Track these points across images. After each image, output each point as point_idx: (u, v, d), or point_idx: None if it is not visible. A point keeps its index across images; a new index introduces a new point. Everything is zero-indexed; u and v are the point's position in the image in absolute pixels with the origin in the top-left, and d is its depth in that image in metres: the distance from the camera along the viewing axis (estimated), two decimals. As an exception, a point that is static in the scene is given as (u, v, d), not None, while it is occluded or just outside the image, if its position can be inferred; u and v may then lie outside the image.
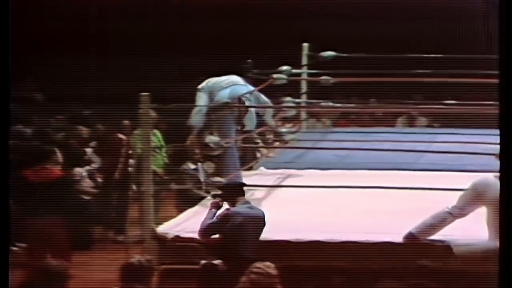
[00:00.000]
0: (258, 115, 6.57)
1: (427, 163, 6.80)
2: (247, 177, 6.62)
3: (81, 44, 10.34)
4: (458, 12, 9.23)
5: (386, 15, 9.89)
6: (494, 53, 4.31)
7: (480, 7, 8.79)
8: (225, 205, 5.17)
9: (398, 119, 10.68)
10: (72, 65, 9.95)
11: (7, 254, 4.06)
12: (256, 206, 5.29)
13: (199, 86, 6.43)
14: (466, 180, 5.04)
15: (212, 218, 5.07)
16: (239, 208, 5.04)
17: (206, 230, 5.07)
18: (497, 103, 4.24)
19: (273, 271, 4.21)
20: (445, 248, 4.94)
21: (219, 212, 5.12)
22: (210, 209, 5.16)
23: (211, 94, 6.36)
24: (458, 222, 4.96)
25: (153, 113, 5.95)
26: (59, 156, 6.13)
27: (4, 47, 4.18)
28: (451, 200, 5.03)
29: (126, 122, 8.33)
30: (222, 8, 10.33)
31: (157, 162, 7.01)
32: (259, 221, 5.07)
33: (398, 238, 5.10)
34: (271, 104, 6.71)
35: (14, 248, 6.99)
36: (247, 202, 5.13)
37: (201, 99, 6.33)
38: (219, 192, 5.23)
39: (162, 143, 7.22)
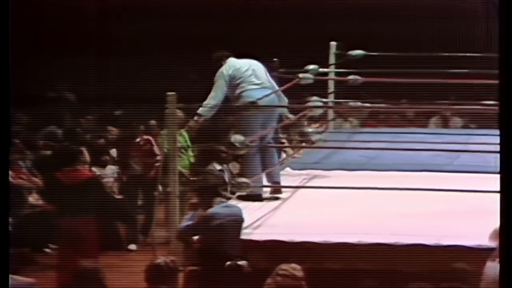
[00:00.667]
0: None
1: (461, 164, 6.64)
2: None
3: (105, 45, 10.36)
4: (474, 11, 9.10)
5: (415, 14, 9.78)
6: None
7: None
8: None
9: (431, 120, 10.49)
10: (96, 66, 9.96)
11: (7, 254, 4.05)
12: (233, 205, 5.32)
13: (221, 71, 6.15)
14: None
15: (190, 220, 5.12)
16: (215, 208, 5.08)
17: (184, 232, 5.13)
18: None
19: (299, 273, 4.15)
20: (479, 251, 4.82)
21: (196, 213, 5.16)
22: (189, 210, 5.22)
23: (231, 82, 6.15)
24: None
25: (179, 113, 5.89)
26: (87, 156, 6.11)
27: (4, 47, 4.17)
28: (486, 202, 4.91)
29: (153, 122, 8.30)
30: (250, 8, 10.29)
31: (183, 162, 6.96)
32: (237, 219, 5.10)
33: (430, 240, 5.01)
34: (286, 101, 6.57)
35: (47, 250, 7.03)
36: (223, 202, 5.17)
37: (220, 89, 6.11)
38: (199, 193, 5.25)
39: (189, 143, 7.16)
